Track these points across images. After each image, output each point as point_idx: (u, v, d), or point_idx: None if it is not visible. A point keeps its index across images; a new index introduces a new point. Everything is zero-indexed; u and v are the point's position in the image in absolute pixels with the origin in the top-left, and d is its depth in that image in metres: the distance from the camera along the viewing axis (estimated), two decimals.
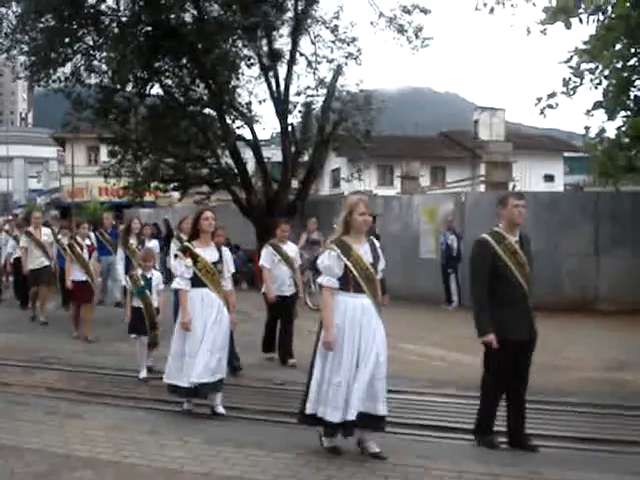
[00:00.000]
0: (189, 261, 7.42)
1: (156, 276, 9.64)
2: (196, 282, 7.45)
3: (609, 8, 12.58)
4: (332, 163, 40.53)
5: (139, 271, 9.57)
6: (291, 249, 10.46)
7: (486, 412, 6.53)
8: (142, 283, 9.39)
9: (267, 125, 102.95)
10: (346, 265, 5.94)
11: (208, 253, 7.54)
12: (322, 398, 5.88)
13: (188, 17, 20.01)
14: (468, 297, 16.12)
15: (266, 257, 10.28)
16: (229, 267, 7.84)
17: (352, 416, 5.78)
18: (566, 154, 45.39)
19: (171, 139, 21.73)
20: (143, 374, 9.24)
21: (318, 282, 6.22)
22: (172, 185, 23.92)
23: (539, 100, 14.03)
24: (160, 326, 9.42)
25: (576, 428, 7.20)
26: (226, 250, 7.92)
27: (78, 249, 12.33)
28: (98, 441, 6.30)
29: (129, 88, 20.96)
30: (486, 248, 6.38)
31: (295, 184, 23.01)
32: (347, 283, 5.96)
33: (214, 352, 7.27)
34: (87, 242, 12.91)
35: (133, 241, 13.19)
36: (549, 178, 43.77)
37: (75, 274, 12.27)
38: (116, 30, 19.75)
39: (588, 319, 14.17)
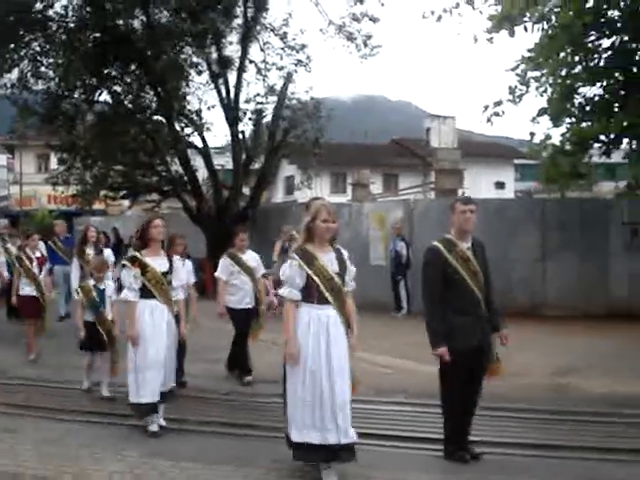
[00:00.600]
0: (138, 271, 7.12)
1: (109, 287, 9.12)
2: (145, 293, 7.16)
3: (553, 17, 12.74)
4: (285, 170, 40.49)
5: (91, 282, 8.97)
6: (251, 258, 9.83)
7: (452, 425, 6.37)
8: (95, 295, 8.84)
9: (221, 132, 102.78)
10: (308, 275, 5.66)
11: (158, 263, 7.25)
12: (299, 420, 5.58)
13: (137, 23, 19.89)
14: (417, 304, 16.21)
15: (223, 268, 9.73)
16: (180, 276, 7.57)
17: (350, 439, 5.59)
18: (517, 161, 45.95)
19: (120, 146, 21.49)
20: (86, 384, 8.93)
21: (279, 293, 5.94)
22: (122, 193, 23.68)
23: (486, 108, 14.15)
24: (119, 342, 8.75)
25: (521, 434, 7.18)
26: (178, 259, 7.66)
27: (27, 262, 11.50)
28: (31, 456, 6.12)
29: (77, 95, 20.71)
30: (437, 256, 6.27)
31: (247, 192, 22.95)
32: (310, 294, 5.66)
33: (164, 366, 7.06)
34: (37, 254, 11.96)
35: (90, 251, 12.36)
36: (500, 185, 44.33)
37: (24, 289, 11.46)
38: (63, 36, 19.52)
39: (536, 325, 14.27)
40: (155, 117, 21.79)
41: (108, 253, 13.14)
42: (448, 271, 6.20)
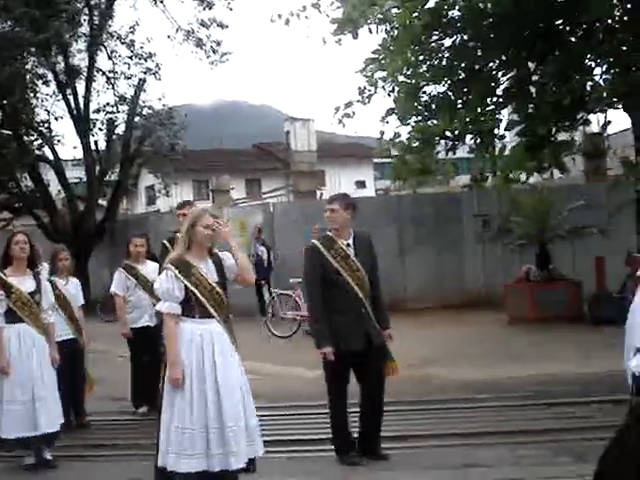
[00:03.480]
0: (2, 293, 6.50)
1: None
2: (11, 317, 6.52)
3: (394, 18, 13.06)
4: (146, 180, 39.70)
5: None
6: (150, 269, 8.55)
7: (337, 426, 6.30)
8: None
9: (77, 144, 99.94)
10: (187, 286, 5.21)
11: (23, 282, 6.63)
12: (173, 446, 5.02)
13: None
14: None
15: (118, 282, 8.68)
16: (49, 297, 6.92)
17: (238, 463, 5.07)
18: (376, 160, 46.87)
19: None
20: None
21: (157, 309, 5.47)
22: None
23: (337, 110, 14.37)
24: None
25: (385, 427, 7.25)
26: (44, 278, 7.01)
27: None
28: None
29: None
30: (315, 255, 6.20)
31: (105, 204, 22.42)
32: (191, 307, 5.21)
33: (42, 399, 6.43)
34: None
35: None
36: (361, 184, 45.16)
37: None
38: None
39: (397, 318, 14.38)
40: (1, 131, 20.91)
41: None
42: (327, 270, 6.12)
